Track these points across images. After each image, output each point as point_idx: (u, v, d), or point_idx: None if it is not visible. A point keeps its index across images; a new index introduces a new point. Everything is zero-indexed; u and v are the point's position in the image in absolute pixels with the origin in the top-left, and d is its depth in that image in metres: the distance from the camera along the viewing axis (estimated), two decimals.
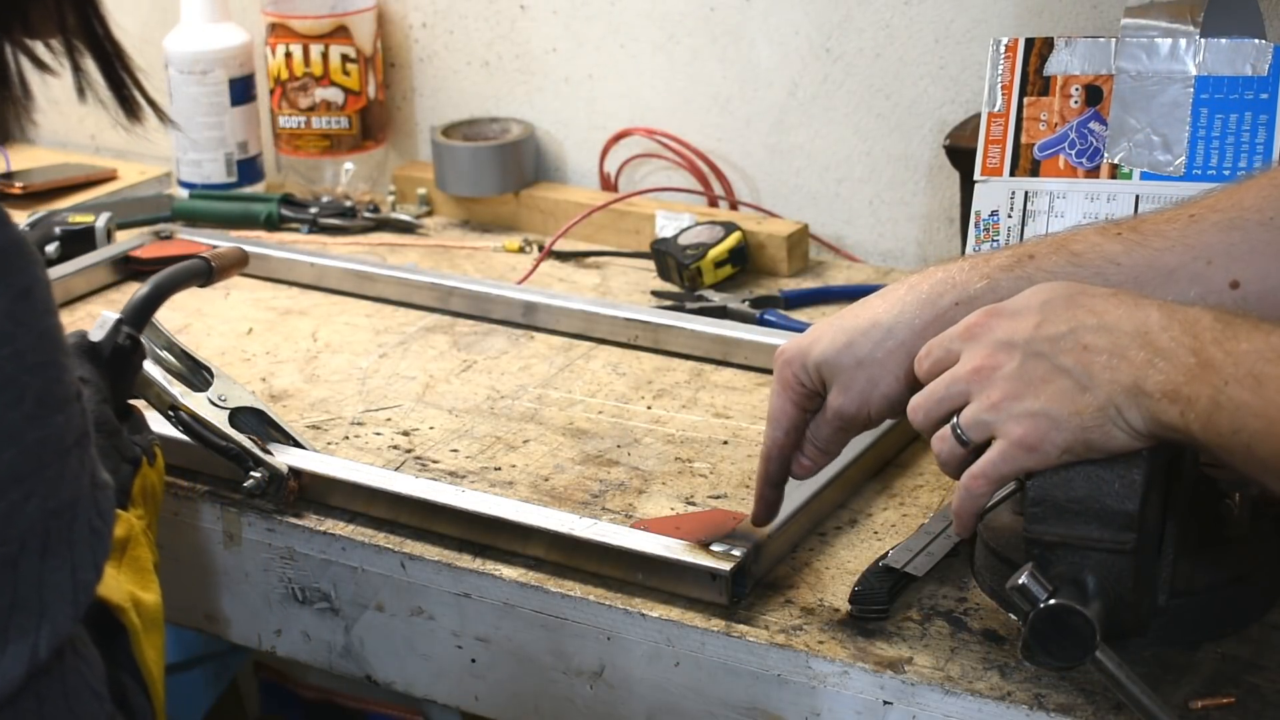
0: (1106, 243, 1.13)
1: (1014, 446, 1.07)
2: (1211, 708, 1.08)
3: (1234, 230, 1.11)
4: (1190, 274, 1.11)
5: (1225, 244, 1.11)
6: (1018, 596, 1.04)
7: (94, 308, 1.79)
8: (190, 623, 1.42)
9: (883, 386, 1.15)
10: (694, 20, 1.95)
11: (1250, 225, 1.12)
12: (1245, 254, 1.11)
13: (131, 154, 2.34)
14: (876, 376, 1.15)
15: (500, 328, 1.72)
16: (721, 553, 1.22)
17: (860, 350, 1.15)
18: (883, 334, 1.15)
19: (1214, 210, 1.13)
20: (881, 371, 1.15)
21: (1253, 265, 1.11)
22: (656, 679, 1.21)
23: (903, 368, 1.14)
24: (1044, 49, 1.44)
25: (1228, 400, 0.98)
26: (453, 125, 2.06)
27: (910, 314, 1.14)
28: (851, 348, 1.15)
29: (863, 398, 1.15)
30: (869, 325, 1.15)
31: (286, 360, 1.66)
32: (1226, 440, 0.99)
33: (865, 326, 1.15)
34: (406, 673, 1.32)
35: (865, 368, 1.15)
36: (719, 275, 1.81)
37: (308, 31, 2.08)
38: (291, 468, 1.35)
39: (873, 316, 1.15)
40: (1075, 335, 1.05)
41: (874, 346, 1.15)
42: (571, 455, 1.44)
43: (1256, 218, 1.12)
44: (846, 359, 1.15)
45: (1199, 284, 1.10)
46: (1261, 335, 0.99)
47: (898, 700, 1.13)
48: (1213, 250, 1.11)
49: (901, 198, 1.88)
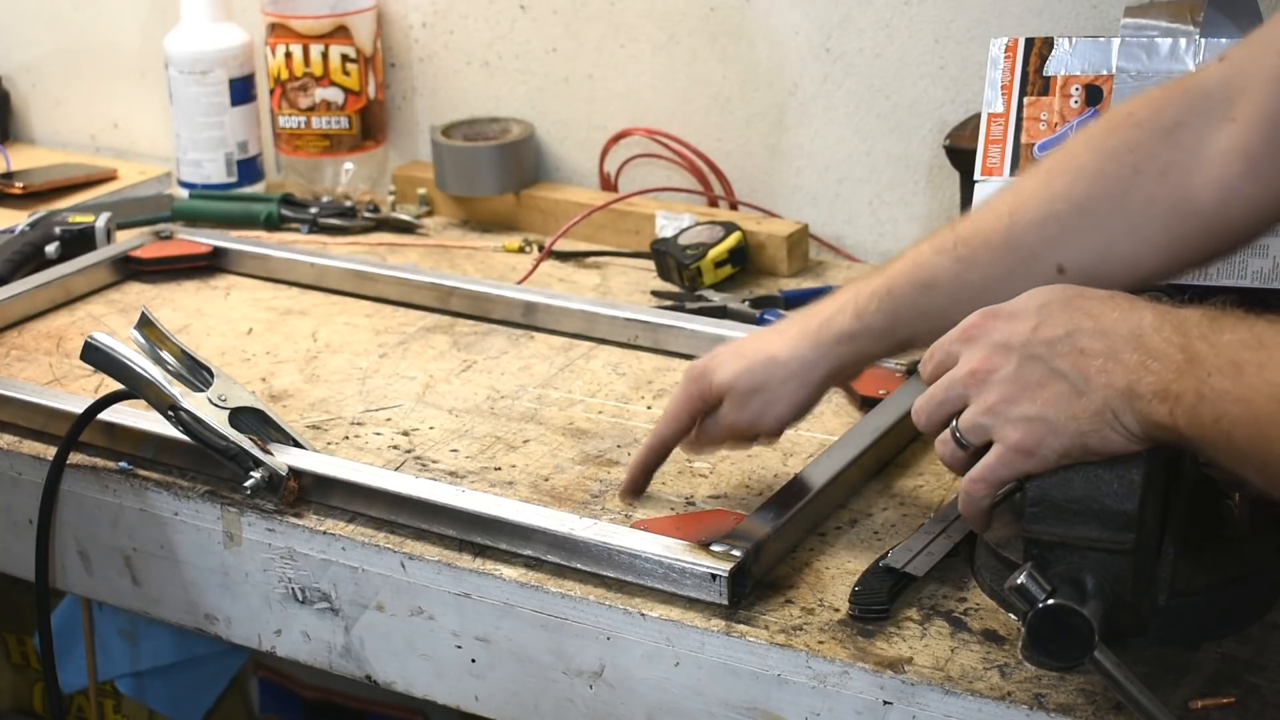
0: (946, 263, 1.23)
1: (1011, 451, 1.08)
2: (1211, 708, 1.08)
3: (1050, 222, 1.20)
4: (1023, 272, 1.20)
5: (1044, 238, 1.20)
6: (1016, 596, 1.04)
7: (94, 308, 1.80)
8: (190, 623, 1.42)
9: (775, 410, 1.30)
10: (694, 20, 1.95)
11: (1063, 214, 1.20)
12: (1063, 241, 1.19)
13: (131, 154, 2.34)
14: (770, 401, 1.30)
15: (500, 328, 1.72)
16: (721, 553, 1.22)
17: (756, 379, 1.30)
18: (777, 367, 1.29)
19: (1028, 207, 1.21)
20: (774, 398, 1.30)
21: (1071, 249, 1.19)
22: (656, 679, 1.21)
23: (794, 396, 1.30)
24: (1044, 49, 1.44)
25: (1210, 390, 0.99)
26: (453, 125, 2.06)
27: (800, 350, 1.29)
28: (749, 375, 1.30)
29: (755, 417, 1.31)
30: (766, 358, 1.30)
31: (286, 360, 1.66)
32: (1209, 431, 0.99)
33: (763, 359, 1.30)
34: (406, 673, 1.32)
35: (759, 394, 1.30)
36: (719, 275, 1.81)
37: (308, 31, 2.08)
38: (291, 468, 1.35)
39: (770, 351, 1.30)
40: (1072, 339, 1.06)
41: (768, 376, 1.29)
42: (571, 455, 1.44)
43: (1066, 206, 1.19)
44: (743, 385, 1.30)
45: (1031, 279, 1.17)
46: (1245, 326, 1.01)
47: (898, 700, 1.13)
48: (1035, 245, 1.20)
49: (901, 198, 1.88)
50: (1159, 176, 1.17)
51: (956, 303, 1.20)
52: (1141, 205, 1.17)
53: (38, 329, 1.74)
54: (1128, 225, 1.18)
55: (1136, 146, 1.18)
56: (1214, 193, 1.15)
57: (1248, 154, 1.14)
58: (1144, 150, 1.18)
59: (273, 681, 2.26)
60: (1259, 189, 1.14)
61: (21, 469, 1.47)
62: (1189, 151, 1.16)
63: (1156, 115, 1.19)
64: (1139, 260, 1.18)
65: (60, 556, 1.46)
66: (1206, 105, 1.16)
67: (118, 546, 1.43)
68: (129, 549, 1.43)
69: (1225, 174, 1.15)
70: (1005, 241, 1.21)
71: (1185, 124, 1.16)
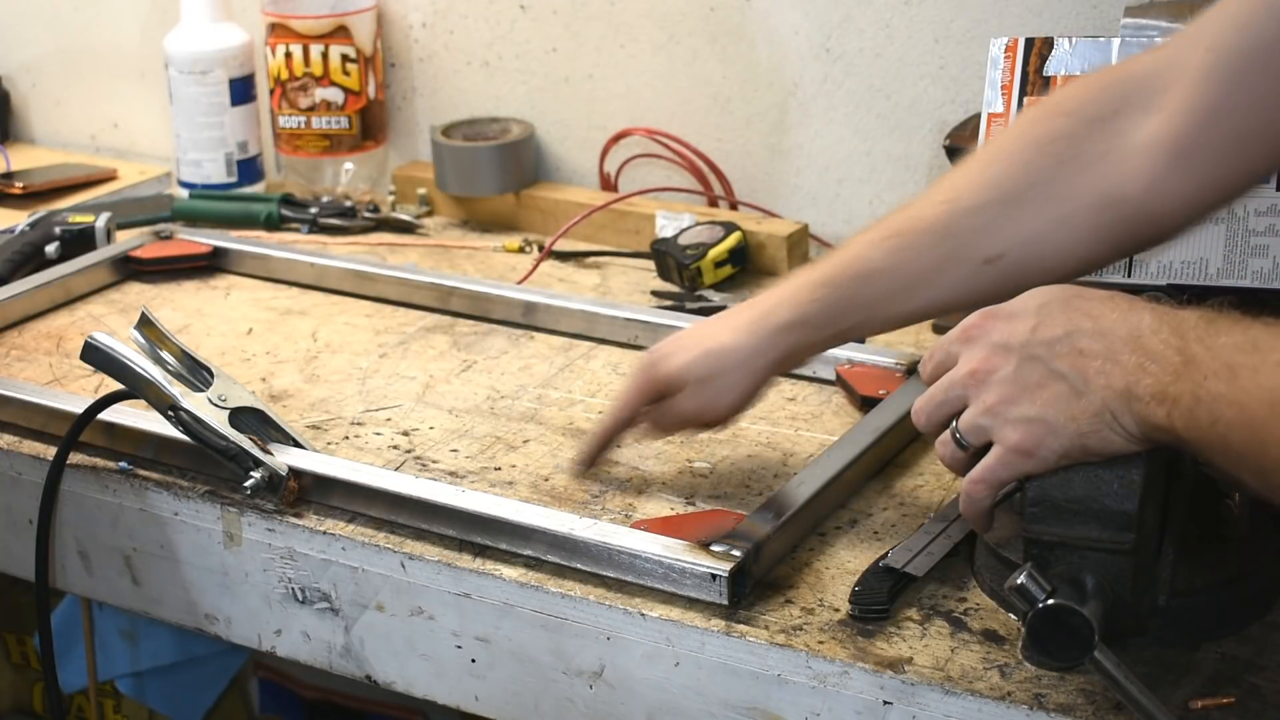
0: (882, 254, 1.24)
1: (1011, 452, 1.08)
2: (1211, 708, 1.08)
3: (982, 211, 1.21)
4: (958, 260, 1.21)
5: (977, 226, 1.21)
6: (1016, 596, 1.04)
7: (94, 308, 1.80)
8: (190, 623, 1.42)
9: (725, 399, 1.31)
10: (694, 20, 1.95)
11: (994, 203, 1.21)
12: (996, 230, 1.21)
13: (131, 154, 2.34)
14: (719, 390, 1.31)
15: (500, 328, 1.72)
16: (721, 553, 1.22)
17: (705, 368, 1.31)
18: (724, 356, 1.30)
19: (963, 196, 1.22)
20: (722, 387, 1.31)
21: (1003, 238, 1.20)
22: (656, 679, 1.21)
23: (740, 385, 1.31)
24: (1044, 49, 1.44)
25: (1206, 393, 0.99)
26: (453, 125, 2.06)
27: (744, 340, 1.29)
28: (699, 365, 1.31)
29: (705, 406, 1.32)
30: (715, 347, 1.30)
31: (286, 360, 1.66)
32: (1205, 433, 1.00)
33: (712, 349, 1.31)
34: (406, 673, 1.32)
35: (709, 384, 1.31)
36: (719, 275, 1.81)
37: (308, 31, 2.08)
38: (291, 468, 1.35)
39: (718, 339, 1.31)
40: (1071, 339, 1.06)
41: (717, 366, 1.30)
42: (571, 455, 1.44)
43: (997, 195, 1.21)
44: (693, 374, 1.31)
45: (965, 266, 1.20)
46: (1241, 329, 1.01)
47: (898, 700, 1.13)
48: (968, 234, 1.21)
49: (901, 198, 1.88)
50: (1085, 167, 1.17)
51: (894, 292, 1.24)
52: (1068, 195, 1.18)
53: (38, 329, 1.74)
54: (1056, 215, 1.18)
55: (1063, 136, 1.19)
56: (1142, 183, 1.15)
57: (1175, 145, 1.14)
58: (1071, 141, 1.18)
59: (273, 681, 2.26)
60: (1187, 180, 1.15)
61: (21, 469, 1.47)
62: (1116, 142, 1.16)
63: (1085, 105, 1.19)
64: (1070, 250, 1.19)
65: (60, 556, 1.46)
66: (1137, 95, 1.17)
67: (118, 546, 1.43)
68: (129, 549, 1.43)
69: (1152, 165, 1.15)
70: (942, 229, 1.22)
71: (1113, 114, 1.17)
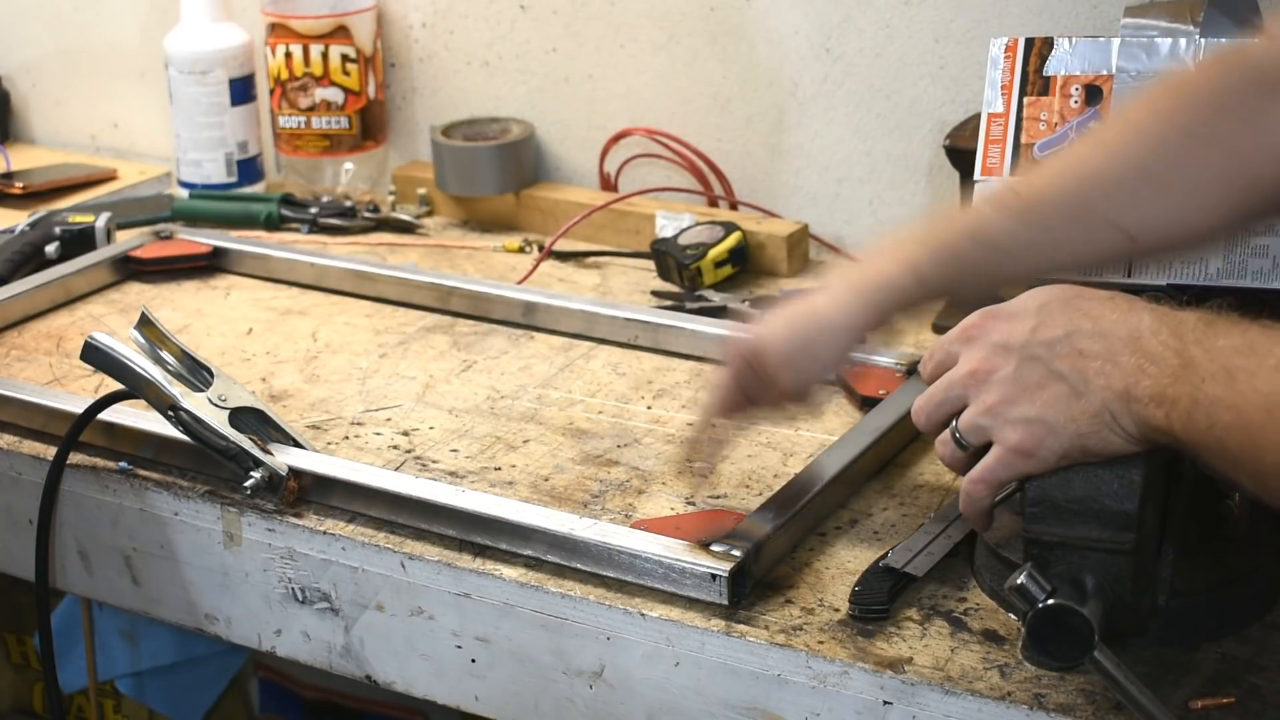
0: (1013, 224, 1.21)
1: (1010, 452, 1.08)
2: (1211, 708, 1.08)
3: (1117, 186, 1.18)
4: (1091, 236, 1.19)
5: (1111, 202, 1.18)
6: (1016, 596, 1.04)
7: (94, 308, 1.80)
8: (190, 623, 1.42)
9: (820, 364, 1.27)
10: (694, 20, 1.95)
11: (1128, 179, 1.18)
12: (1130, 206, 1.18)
13: (131, 154, 2.34)
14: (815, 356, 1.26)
15: (500, 328, 1.72)
16: (721, 553, 1.22)
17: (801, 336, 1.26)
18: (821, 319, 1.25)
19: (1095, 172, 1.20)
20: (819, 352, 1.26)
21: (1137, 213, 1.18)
22: (656, 679, 1.21)
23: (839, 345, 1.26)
24: (1044, 49, 1.44)
25: (1204, 396, 0.99)
26: (453, 125, 2.06)
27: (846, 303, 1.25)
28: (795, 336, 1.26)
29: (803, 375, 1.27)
30: (810, 314, 1.26)
31: (286, 360, 1.66)
32: (1203, 436, 1.00)
33: (807, 314, 1.26)
34: (406, 673, 1.32)
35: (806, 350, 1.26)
36: (719, 275, 1.81)
37: (308, 31, 2.08)
38: (291, 468, 1.35)
39: (812, 307, 1.26)
40: (1071, 340, 1.06)
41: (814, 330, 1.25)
42: (571, 455, 1.44)
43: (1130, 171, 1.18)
44: (792, 345, 1.26)
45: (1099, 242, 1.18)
46: (1239, 332, 1.01)
47: (898, 700, 1.13)
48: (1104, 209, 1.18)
49: (901, 198, 1.88)
50: (1217, 144, 1.16)
51: (1020, 263, 1.21)
52: (1199, 170, 1.17)
53: (38, 329, 1.74)
54: (1189, 191, 1.17)
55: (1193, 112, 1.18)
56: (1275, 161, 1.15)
57: None
58: (1201, 118, 1.17)
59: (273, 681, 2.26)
60: None
61: (21, 469, 1.47)
62: (1244, 121, 1.16)
63: (1209, 86, 1.19)
64: (1202, 224, 1.18)
65: (60, 556, 1.46)
66: (1257, 78, 1.16)
67: (118, 546, 1.43)
68: (129, 549, 1.43)
69: None
70: (1075, 204, 1.20)
71: (1239, 95, 1.16)
